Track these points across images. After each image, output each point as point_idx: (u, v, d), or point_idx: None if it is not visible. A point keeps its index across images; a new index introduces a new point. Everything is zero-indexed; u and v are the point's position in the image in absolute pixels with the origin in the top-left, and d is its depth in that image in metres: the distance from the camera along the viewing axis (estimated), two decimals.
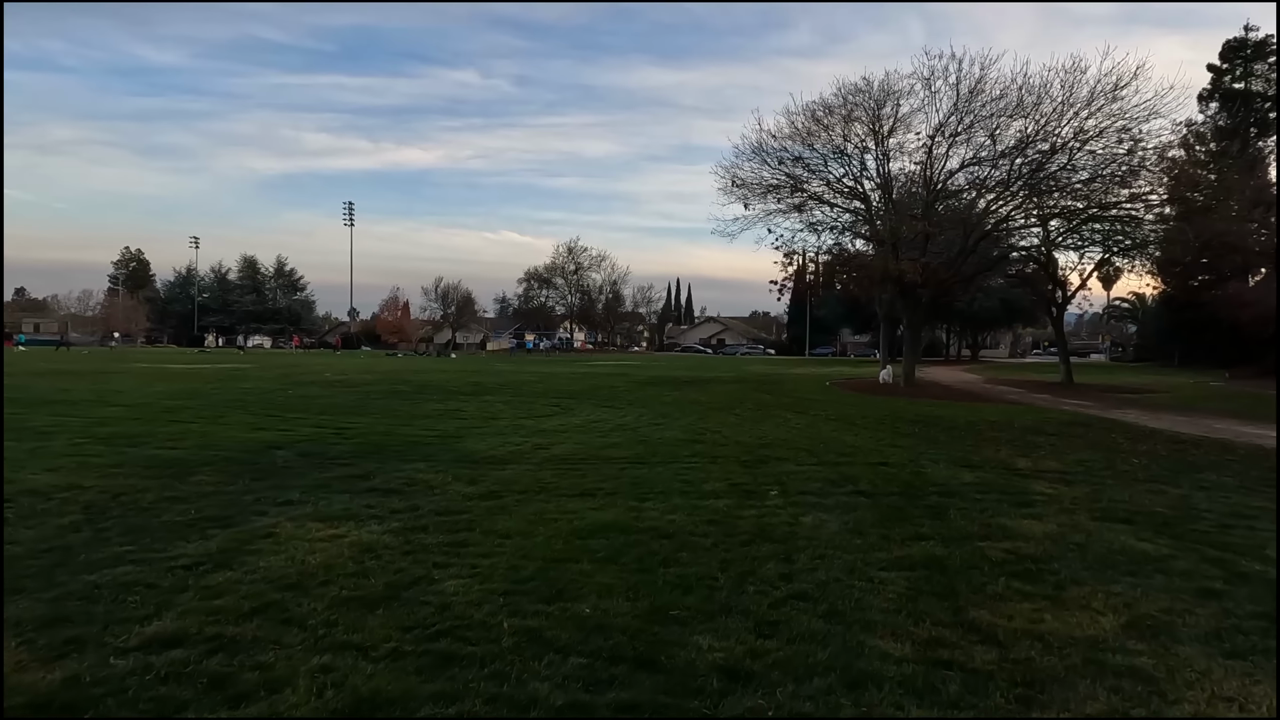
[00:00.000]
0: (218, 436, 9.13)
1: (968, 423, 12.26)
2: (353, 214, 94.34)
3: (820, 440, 9.72)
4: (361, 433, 9.72)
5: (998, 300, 53.80)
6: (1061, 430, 11.34)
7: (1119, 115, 18.02)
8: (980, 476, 7.15)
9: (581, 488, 6.33)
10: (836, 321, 66.99)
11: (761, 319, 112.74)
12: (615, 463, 7.72)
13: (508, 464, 7.57)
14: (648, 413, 13.25)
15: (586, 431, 10.37)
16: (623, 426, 11.06)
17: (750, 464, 7.70)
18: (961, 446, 9.39)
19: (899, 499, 6.04)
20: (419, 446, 8.61)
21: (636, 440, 9.45)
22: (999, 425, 11.86)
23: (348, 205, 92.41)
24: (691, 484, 6.56)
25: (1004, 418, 13.27)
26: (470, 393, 17.12)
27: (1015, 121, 19.43)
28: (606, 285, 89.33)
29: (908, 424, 11.93)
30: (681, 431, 10.47)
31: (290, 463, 7.42)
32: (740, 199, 21.13)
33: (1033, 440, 10.10)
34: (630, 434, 10.14)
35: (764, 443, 9.41)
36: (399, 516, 5.20)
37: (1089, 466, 7.88)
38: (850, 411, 14.02)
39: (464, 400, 15.13)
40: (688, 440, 9.53)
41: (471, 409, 13.40)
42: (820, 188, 21.08)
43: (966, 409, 15.13)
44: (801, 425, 11.55)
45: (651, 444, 9.14)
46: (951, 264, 21.99)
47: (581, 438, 9.70)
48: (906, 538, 4.82)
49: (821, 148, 20.44)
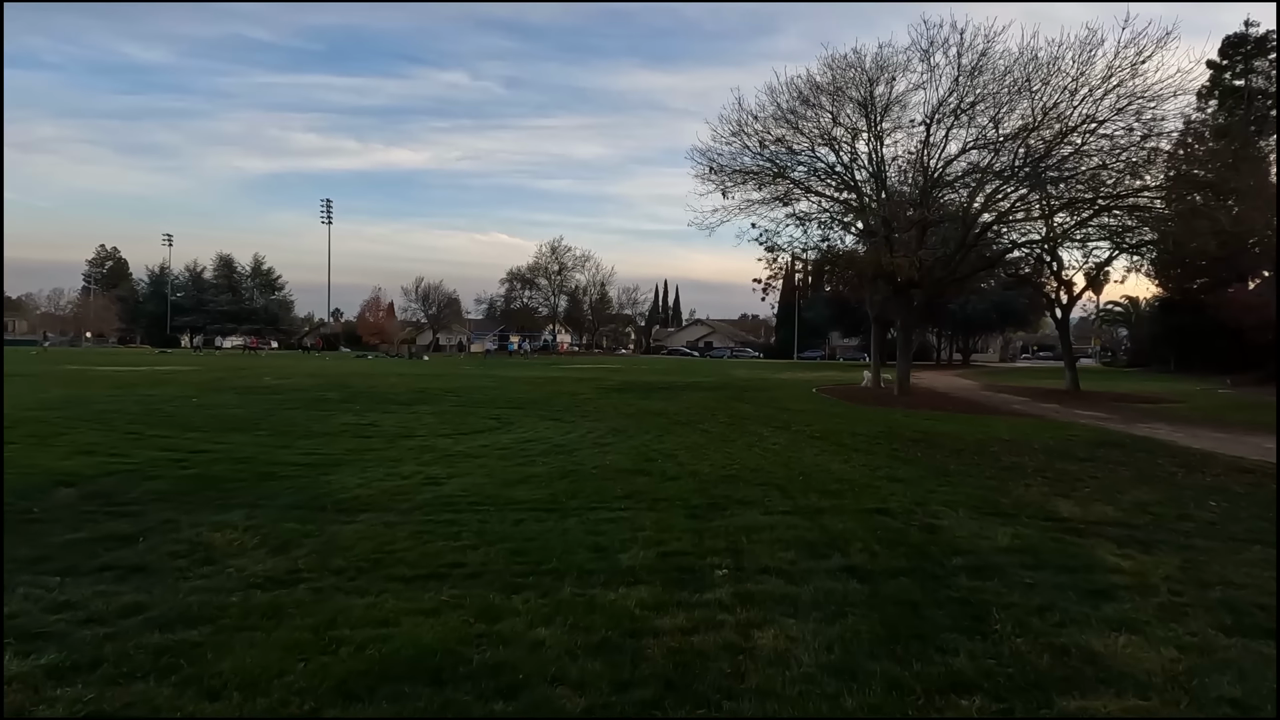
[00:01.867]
0: (19, 463, 6.95)
1: (978, 442, 10.25)
2: (330, 211, 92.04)
3: (800, 470, 7.66)
4: (213, 459, 7.56)
5: (990, 303, 52.28)
6: (1093, 453, 9.34)
7: (1137, 94, 16.13)
8: (1019, 534, 5.11)
9: (436, 562, 4.23)
10: (825, 324, 65.22)
11: (750, 322, 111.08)
12: (515, 509, 5.62)
13: (364, 512, 5.46)
14: (600, 428, 11.16)
15: (508, 457, 8.25)
16: (559, 449, 8.95)
17: (701, 513, 5.62)
18: (980, 479, 7.36)
19: (910, 585, 3.98)
20: (267, 482, 6.47)
21: (563, 471, 7.34)
22: (1017, 446, 9.85)
23: (325, 202, 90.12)
24: (605, 553, 4.47)
25: (1019, 435, 11.27)
26: (406, 401, 14.96)
27: (1021, 102, 17.52)
28: (592, 286, 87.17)
29: (907, 444, 9.90)
30: (628, 456, 8.37)
31: (54, 511, 5.28)
32: (718, 187, 19.07)
33: (1065, 469, 8.08)
34: (561, 460, 8.03)
35: (728, 474, 7.34)
36: (80, 635, 3.08)
37: (1157, 515, 5.85)
38: (839, 426, 11.98)
39: (390, 411, 12.97)
40: (631, 470, 7.43)
41: (389, 423, 11.25)
42: (805, 175, 19.06)
43: (972, 423, 13.13)
44: (780, 446, 9.49)
45: (580, 477, 7.03)
46: (948, 261, 20.07)
47: (496, 466, 7.59)
48: (932, 683, 2.76)
49: (808, 130, 18.43)
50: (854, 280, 26.79)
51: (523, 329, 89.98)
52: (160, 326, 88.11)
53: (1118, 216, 19.47)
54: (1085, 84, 16.31)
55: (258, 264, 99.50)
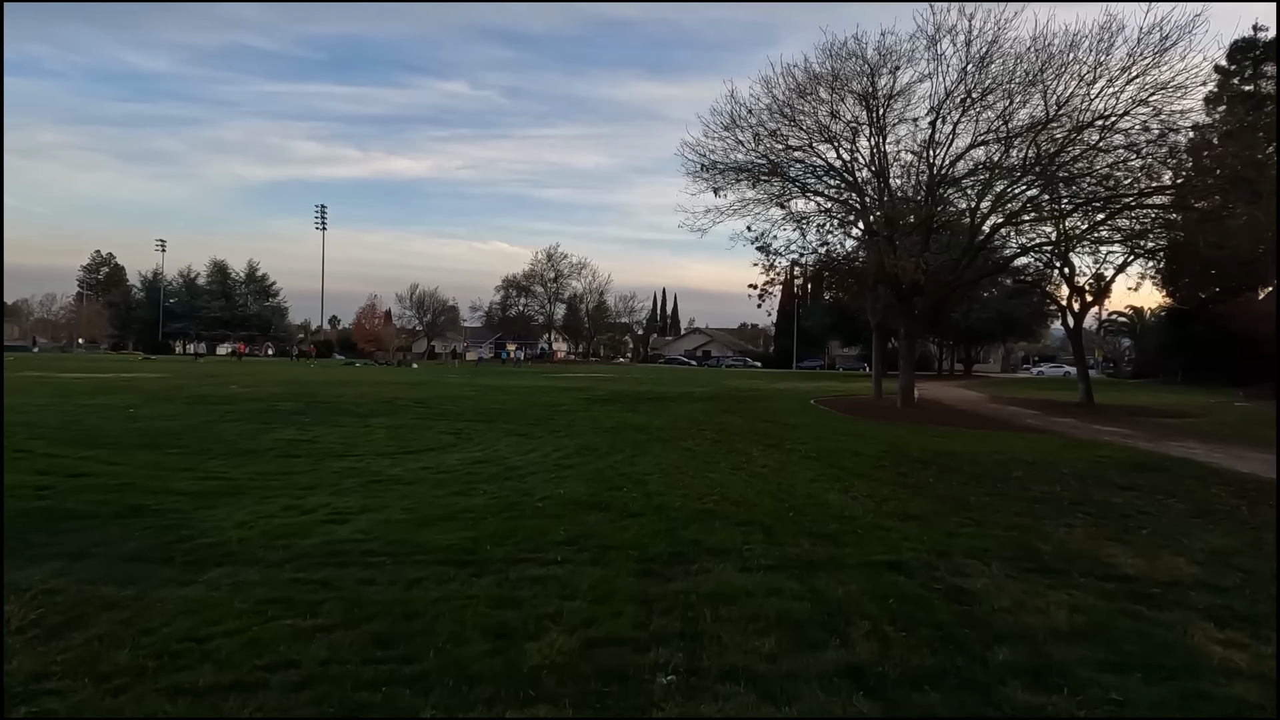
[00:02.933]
0: None
1: (997, 464, 8.96)
2: (325, 217, 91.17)
3: (791, 502, 6.38)
4: (84, 487, 6.29)
5: (994, 312, 51.05)
6: (1133, 480, 8.05)
7: (1161, 84, 14.94)
8: (1077, 604, 3.81)
9: (258, 659, 2.94)
10: (824, 333, 64.04)
11: (749, 331, 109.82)
12: (420, 562, 4.34)
13: (220, 565, 4.19)
14: (568, 445, 9.88)
15: (446, 483, 6.97)
16: (510, 472, 7.67)
17: (659, 568, 4.34)
18: (1007, 515, 6.07)
19: (942, 704, 2.69)
20: (125, 519, 5.20)
21: (504, 504, 6.06)
22: (1044, 471, 8.56)
23: (319, 208, 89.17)
24: (508, 641, 3.18)
25: (1042, 455, 9.98)
26: (364, 414, 13.69)
27: (1033, 95, 16.32)
28: (589, 294, 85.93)
29: (916, 467, 8.62)
30: (589, 483, 7.09)
31: None
32: (710, 184, 17.83)
33: (1108, 501, 6.80)
34: (508, 489, 6.75)
35: (704, 507, 6.06)
36: None
37: (1247, 573, 4.57)
38: (838, 445, 10.70)
39: (339, 425, 11.70)
40: (586, 504, 6.15)
41: (331, 439, 9.98)
42: (803, 173, 17.84)
43: (986, 441, 11.85)
44: (769, 469, 8.21)
45: (521, 512, 5.75)
46: (954, 266, 18.85)
47: (425, 496, 6.30)
48: None
49: (806, 125, 17.23)
50: (854, 287, 25.57)
51: (519, 337, 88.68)
52: (153, 333, 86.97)
53: (1133, 219, 18.29)
54: (1105, 73, 15.14)
55: (252, 270, 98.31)
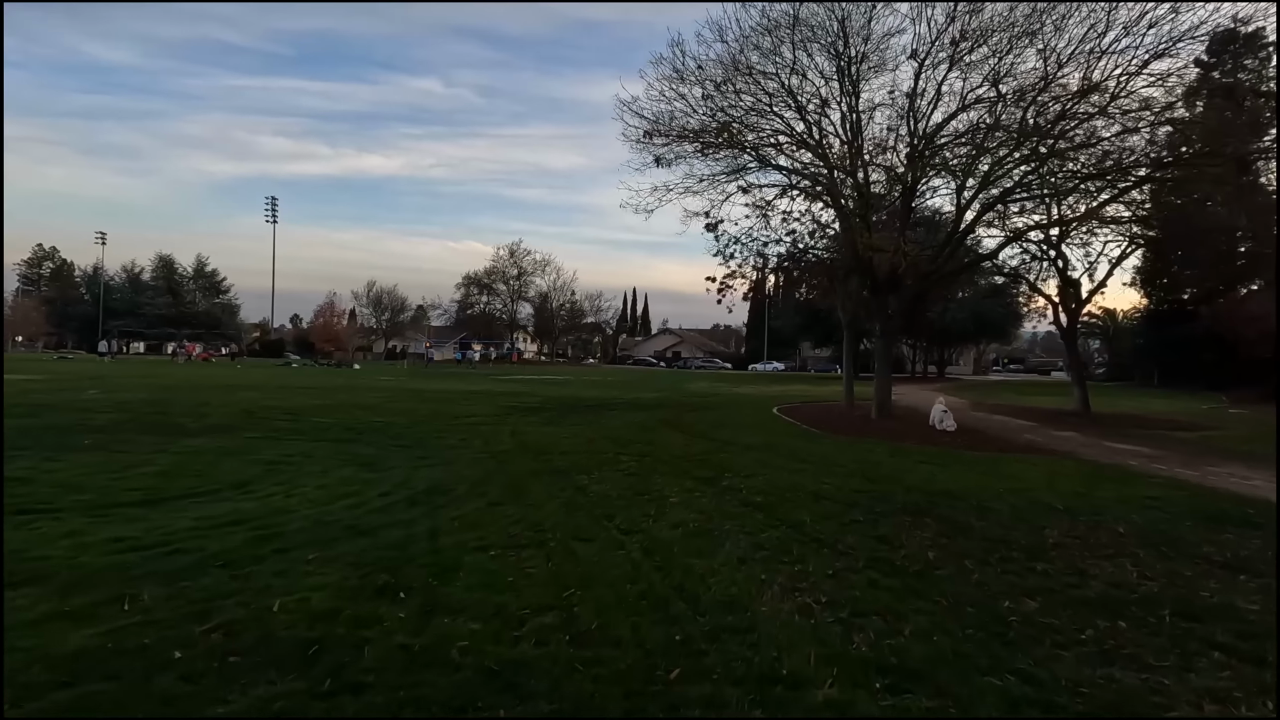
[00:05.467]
0: None
1: (1016, 513, 6.22)
2: (275, 210, 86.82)
3: (695, 627, 3.52)
4: None
5: (969, 312, 49.18)
6: (1236, 550, 5.34)
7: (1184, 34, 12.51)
8: None
9: None
10: (795, 333, 61.74)
11: (721, 332, 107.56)
12: None
13: None
14: (417, 483, 6.92)
15: (90, 586, 3.97)
16: (264, 541, 4.68)
17: None
18: (1085, 656, 3.29)
19: None
20: None
21: (157, 628, 3.09)
22: (1093, 531, 5.81)
23: (270, 200, 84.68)
24: None
25: (1071, 495, 7.27)
26: (196, 431, 10.55)
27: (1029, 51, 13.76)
28: (555, 292, 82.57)
29: (906, 520, 5.83)
30: (361, 573, 4.14)
31: None
32: (654, 152, 14.91)
33: (1233, 606, 4.07)
34: (205, 588, 3.77)
35: (514, 656, 3.18)
36: None
37: None
38: (795, 479, 7.89)
39: (125, 451, 8.57)
40: (300, 640, 3.21)
41: (69, 474, 6.88)
42: (762, 141, 14.98)
43: (988, 470, 9.15)
44: (682, 533, 5.34)
45: (150, 659, 2.79)
46: (935, 255, 16.28)
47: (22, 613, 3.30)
48: None
49: (769, 85, 14.42)
50: (824, 283, 22.85)
51: (484, 337, 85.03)
52: (92, 330, 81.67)
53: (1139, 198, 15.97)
54: (1121, 20, 12.64)
55: (201, 265, 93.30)
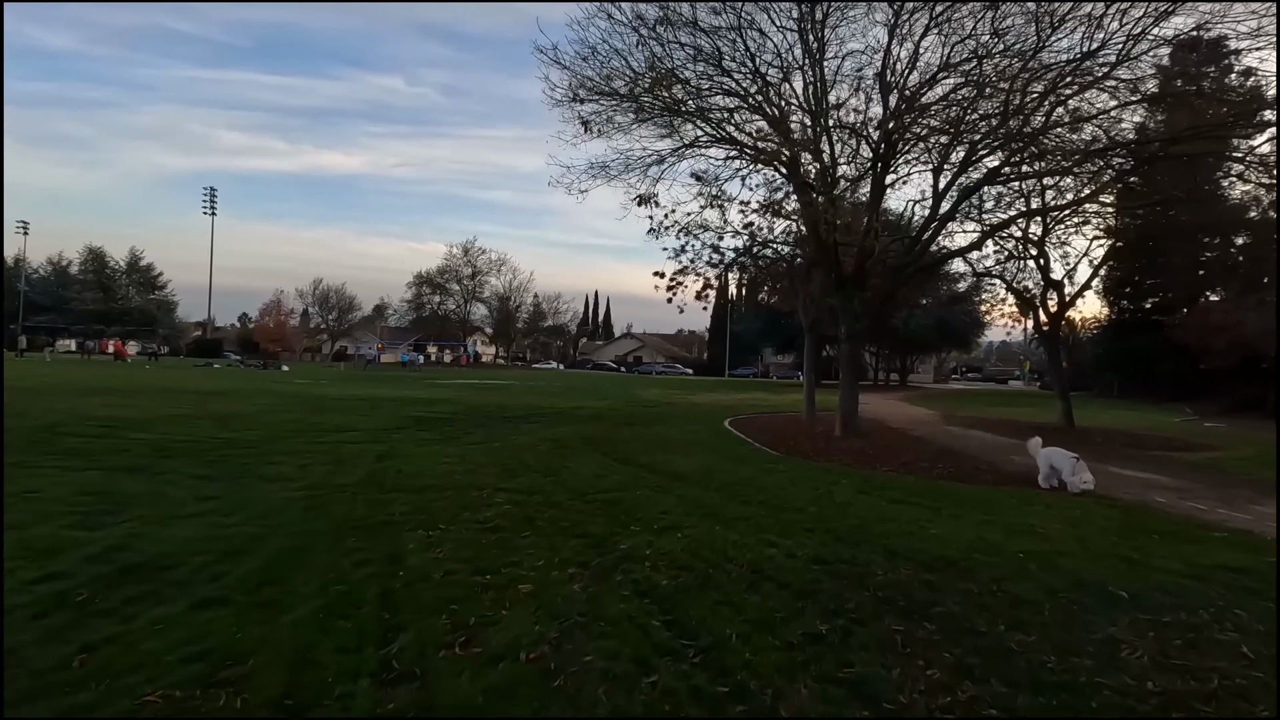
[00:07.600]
0: None
1: (1054, 601, 4.04)
2: (214, 202, 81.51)
3: None
4: None
5: (933, 318, 48.01)
6: None
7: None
8: None
9: None
10: (756, 338, 60.00)
11: (684, 337, 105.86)
12: None
13: None
14: (111, 562, 4.43)
15: None
16: None
17: None
18: None
19: None
20: None
21: None
22: (1160, 632, 3.66)
23: (208, 190, 79.46)
24: None
25: (1118, 564, 5.13)
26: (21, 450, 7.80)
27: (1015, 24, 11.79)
28: (512, 293, 79.55)
29: (893, 633, 3.58)
30: None
31: None
32: (581, 116, 12.57)
33: None
34: None
35: None
36: None
37: None
38: (730, 537, 5.59)
39: None
40: None
41: None
42: (705, 103, 12.71)
43: (986, 511, 6.99)
44: (509, 668, 2.99)
45: None
46: (909, 249, 14.29)
47: None
48: None
49: (720, 41, 12.22)
50: (784, 284, 20.74)
51: (438, 338, 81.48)
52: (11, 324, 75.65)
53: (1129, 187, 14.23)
54: None
55: (134, 259, 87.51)
